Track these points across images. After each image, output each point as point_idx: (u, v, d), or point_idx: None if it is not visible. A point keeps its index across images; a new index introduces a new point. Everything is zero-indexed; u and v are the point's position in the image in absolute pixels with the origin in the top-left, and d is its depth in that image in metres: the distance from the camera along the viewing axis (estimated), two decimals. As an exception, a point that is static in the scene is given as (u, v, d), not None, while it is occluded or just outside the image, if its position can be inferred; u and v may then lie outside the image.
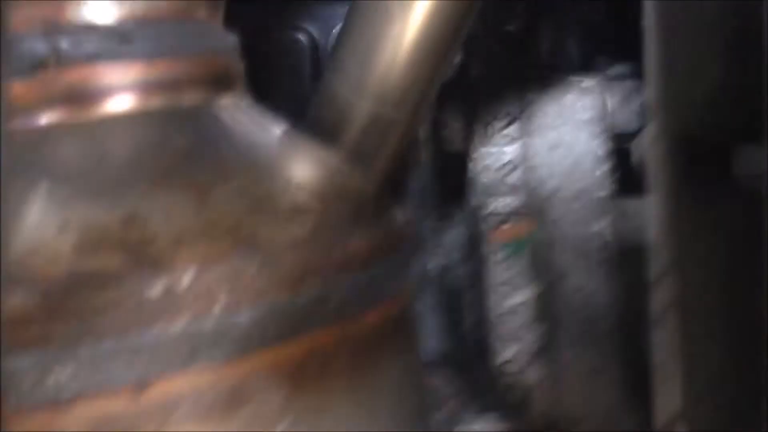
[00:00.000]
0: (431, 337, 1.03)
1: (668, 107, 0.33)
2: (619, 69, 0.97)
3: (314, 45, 0.97)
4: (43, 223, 0.49)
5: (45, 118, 0.53)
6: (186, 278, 0.48)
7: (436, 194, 1.01)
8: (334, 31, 0.97)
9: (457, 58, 0.95)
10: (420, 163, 1.01)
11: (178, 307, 0.47)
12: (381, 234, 0.57)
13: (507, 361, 0.88)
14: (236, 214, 0.50)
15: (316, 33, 0.97)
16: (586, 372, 0.87)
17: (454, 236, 1.01)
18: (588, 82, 0.90)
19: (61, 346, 0.46)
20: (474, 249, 0.90)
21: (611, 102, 0.89)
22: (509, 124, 0.88)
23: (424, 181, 1.01)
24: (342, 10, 0.96)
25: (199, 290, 0.48)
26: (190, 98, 0.55)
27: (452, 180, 0.98)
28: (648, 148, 0.36)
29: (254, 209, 0.51)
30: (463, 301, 1.00)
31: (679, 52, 0.33)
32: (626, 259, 0.92)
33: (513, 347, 0.87)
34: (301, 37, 0.97)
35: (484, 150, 0.88)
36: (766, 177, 0.38)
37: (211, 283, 0.48)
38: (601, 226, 0.87)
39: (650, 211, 0.97)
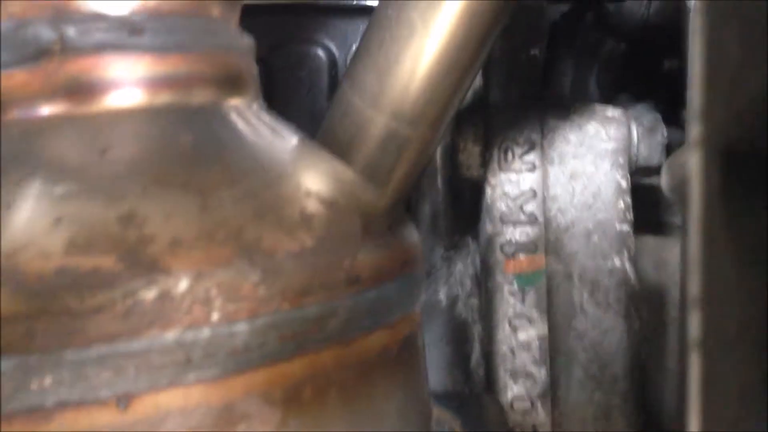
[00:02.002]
0: (439, 369, 0.99)
1: (711, 115, 0.30)
2: (641, 108, 0.95)
3: (332, 60, 0.95)
4: (35, 217, 0.46)
5: (46, 109, 0.50)
6: (183, 283, 0.44)
7: (450, 220, 0.98)
8: (352, 46, 0.95)
9: (478, 82, 0.93)
10: (435, 187, 0.98)
11: (172, 313, 0.44)
12: (392, 251, 0.54)
13: (515, 398, 0.84)
14: (240, 219, 0.47)
15: (333, 48, 0.95)
16: (595, 413, 0.83)
17: (466, 265, 0.98)
18: (612, 111, 0.87)
19: (46, 348, 0.43)
20: (487, 279, 0.87)
21: (636, 133, 0.86)
22: (529, 150, 0.85)
23: (437, 206, 0.98)
24: (361, 25, 0.94)
25: (196, 296, 0.45)
26: (198, 96, 0.53)
27: (467, 206, 0.95)
28: (688, 161, 0.33)
29: (259, 215, 0.48)
30: (473, 334, 0.96)
31: (724, 55, 0.30)
32: (642, 298, 0.89)
33: (522, 383, 0.84)
34: (319, 51, 0.94)
35: (502, 176, 0.85)
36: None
37: (209, 289, 0.45)
38: (620, 261, 0.84)
39: (671, 248, 0.94)
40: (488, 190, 0.86)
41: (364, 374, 0.52)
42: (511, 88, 0.89)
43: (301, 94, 0.93)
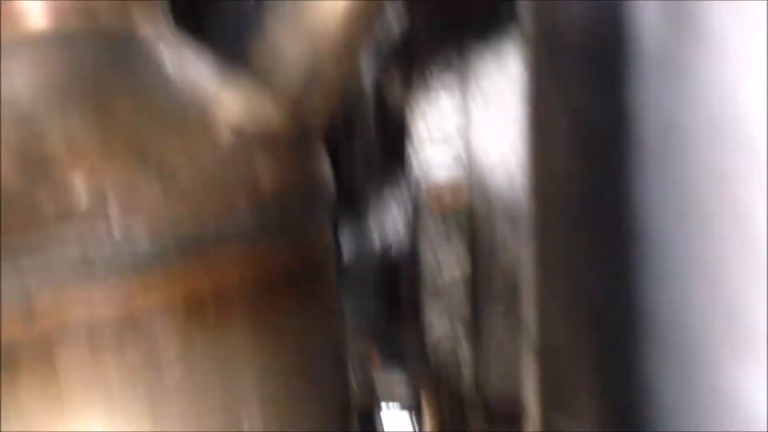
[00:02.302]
0: (372, 314, 1.01)
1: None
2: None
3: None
4: None
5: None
6: (83, 194, 0.46)
7: (382, 164, 0.99)
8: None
9: (403, 20, 0.94)
10: (366, 129, 1.00)
11: (73, 222, 0.46)
12: (295, 174, 0.56)
13: (440, 334, 0.86)
14: (141, 135, 0.49)
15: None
16: (515, 347, 0.86)
17: (399, 211, 0.99)
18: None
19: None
20: (414, 219, 0.88)
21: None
22: (447, 73, 0.86)
23: (370, 150, 1.00)
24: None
25: (96, 206, 0.46)
26: (107, 21, 0.54)
27: (399, 150, 0.96)
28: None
29: (161, 130, 0.50)
30: (404, 276, 0.98)
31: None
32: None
33: (447, 319, 0.86)
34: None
35: (425, 110, 0.86)
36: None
37: (108, 198, 0.46)
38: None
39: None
40: (409, 113, 0.87)
41: (268, 292, 0.53)
42: (432, 18, 0.90)
43: (230, 32, 0.93)
